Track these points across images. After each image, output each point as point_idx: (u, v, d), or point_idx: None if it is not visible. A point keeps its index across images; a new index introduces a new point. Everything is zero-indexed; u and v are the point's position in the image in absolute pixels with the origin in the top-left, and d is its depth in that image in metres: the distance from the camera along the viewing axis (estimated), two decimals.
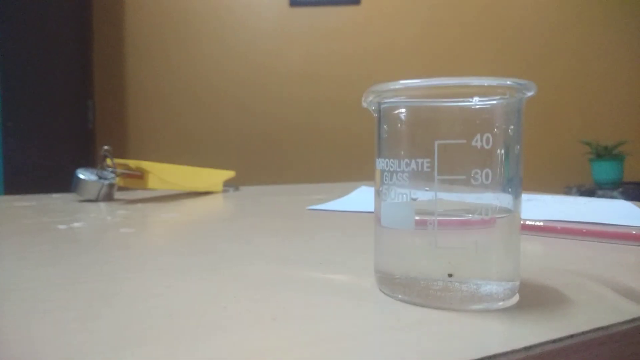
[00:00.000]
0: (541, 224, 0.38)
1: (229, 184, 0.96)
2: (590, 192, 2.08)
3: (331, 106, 2.38)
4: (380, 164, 0.23)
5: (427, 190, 0.21)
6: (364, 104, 0.25)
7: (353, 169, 2.19)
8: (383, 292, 0.24)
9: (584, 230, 0.36)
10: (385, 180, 0.23)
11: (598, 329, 0.18)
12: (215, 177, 0.90)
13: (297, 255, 0.34)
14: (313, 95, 2.42)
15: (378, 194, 0.24)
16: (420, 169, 0.21)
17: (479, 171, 0.21)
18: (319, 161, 2.40)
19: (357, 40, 2.37)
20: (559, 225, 0.37)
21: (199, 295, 0.24)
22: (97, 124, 2.33)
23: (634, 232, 0.34)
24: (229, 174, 0.92)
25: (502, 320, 0.20)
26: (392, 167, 0.22)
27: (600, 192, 2.06)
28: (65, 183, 0.79)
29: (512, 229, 0.22)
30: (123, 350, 0.17)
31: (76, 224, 0.50)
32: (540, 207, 0.53)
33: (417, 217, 0.22)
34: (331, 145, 2.36)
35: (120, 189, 0.79)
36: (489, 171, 0.21)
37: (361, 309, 0.22)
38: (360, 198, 0.68)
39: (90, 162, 1.90)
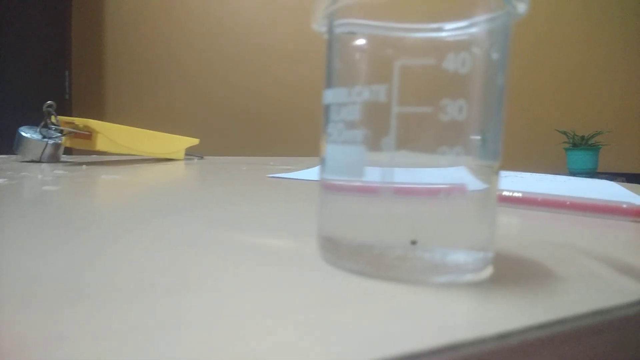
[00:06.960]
0: (519, 195, 0.33)
1: (193, 153, 0.90)
2: None
3: (317, 87, 2.31)
4: (327, 97, 0.18)
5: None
6: (314, 26, 0.20)
7: None
8: (325, 260, 0.19)
9: (568, 203, 0.31)
10: (332, 116, 0.18)
11: (596, 313, 0.14)
12: (176, 143, 0.84)
13: (235, 220, 0.29)
14: (298, 74, 2.34)
15: (323, 136, 0.19)
16: (375, 98, 0.16)
17: (449, 102, 0.16)
18: (300, 141, 2.33)
19: None
20: (539, 197, 0.32)
21: (89, 256, 0.19)
22: (73, 94, 2.23)
23: (624, 206, 0.29)
24: (192, 141, 0.86)
25: (471, 297, 0.15)
26: (340, 98, 0.17)
27: None
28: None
29: (489, 192, 0.18)
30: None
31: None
32: (518, 183, 0.49)
33: (370, 168, 0.17)
34: (316, 127, 2.28)
35: (79, 152, 0.72)
36: (463, 103, 0.16)
37: (292, 278, 0.17)
38: None
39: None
